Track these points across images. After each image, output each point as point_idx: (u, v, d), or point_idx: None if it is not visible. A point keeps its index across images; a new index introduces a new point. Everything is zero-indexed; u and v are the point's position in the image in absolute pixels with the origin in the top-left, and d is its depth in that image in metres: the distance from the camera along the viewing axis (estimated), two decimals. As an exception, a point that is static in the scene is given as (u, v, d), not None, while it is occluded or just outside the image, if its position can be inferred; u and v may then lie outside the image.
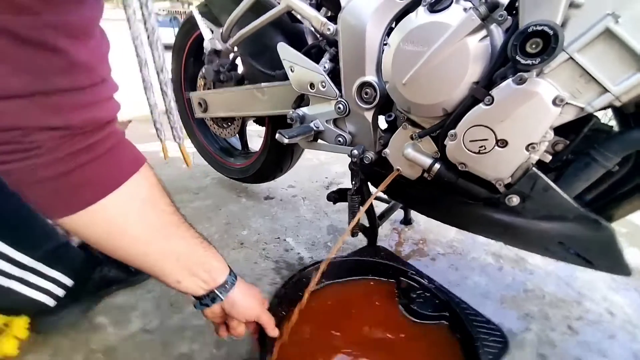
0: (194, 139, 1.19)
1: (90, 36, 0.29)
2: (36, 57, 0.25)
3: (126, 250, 0.36)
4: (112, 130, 0.34)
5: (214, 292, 0.42)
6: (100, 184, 0.32)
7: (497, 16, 0.38)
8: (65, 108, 0.28)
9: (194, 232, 0.41)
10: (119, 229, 0.34)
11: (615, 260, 0.44)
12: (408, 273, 0.56)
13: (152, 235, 0.36)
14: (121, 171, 0.34)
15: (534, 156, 0.41)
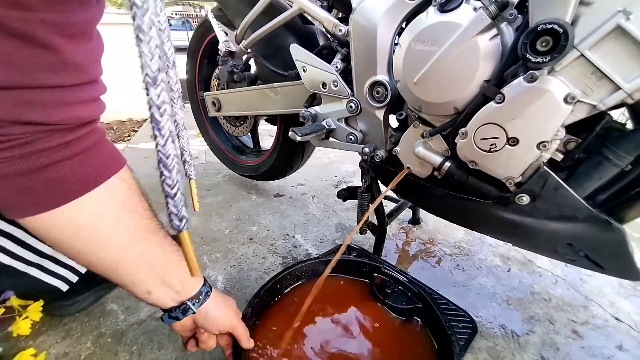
0: (206, 137, 1.22)
1: (89, 38, 0.29)
2: (22, 51, 0.24)
3: (94, 255, 0.34)
4: (93, 129, 0.32)
5: (185, 304, 0.39)
6: (75, 183, 0.30)
7: (507, 15, 0.38)
8: (48, 104, 0.27)
9: (170, 240, 0.39)
10: (89, 232, 0.32)
11: (625, 264, 0.43)
12: (381, 268, 0.57)
13: (126, 240, 0.34)
14: (98, 171, 0.32)
15: (545, 155, 0.41)
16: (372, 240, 0.72)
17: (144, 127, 2.08)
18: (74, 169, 0.30)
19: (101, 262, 0.34)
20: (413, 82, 0.47)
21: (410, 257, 0.82)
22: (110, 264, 0.35)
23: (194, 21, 8.16)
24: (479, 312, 0.66)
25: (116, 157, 0.36)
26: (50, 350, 0.56)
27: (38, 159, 0.28)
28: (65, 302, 0.61)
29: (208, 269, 0.77)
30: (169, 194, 0.29)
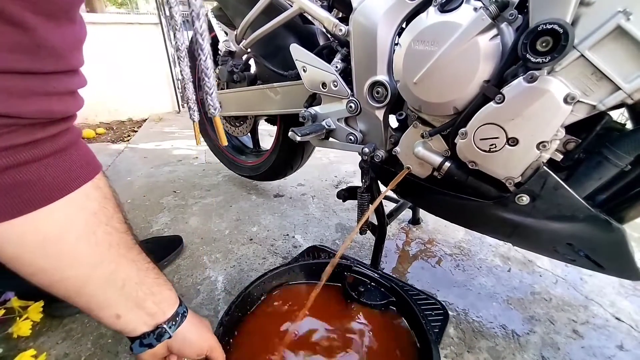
0: (206, 137, 1.22)
1: (70, 20, 0.25)
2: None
3: (58, 274, 0.29)
4: (67, 128, 0.28)
5: (161, 328, 0.35)
6: (42, 189, 0.26)
7: (508, 15, 0.38)
8: (16, 92, 0.23)
9: (145, 257, 0.35)
10: (55, 246, 0.28)
11: (625, 264, 0.43)
12: (352, 267, 0.57)
13: (97, 257, 0.30)
14: (70, 177, 0.28)
15: (544, 155, 0.41)
16: (372, 240, 0.72)
17: (144, 127, 2.09)
18: (41, 173, 0.26)
19: (65, 281, 0.29)
20: (413, 82, 0.47)
21: (410, 257, 0.82)
22: (74, 284, 0.30)
23: (193, 21, 8.12)
24: (480, 312, 0.66)
25: (91, 162, 0.31)
26: (51, 352, 0.56)
27: (0, 159, 0.23)
28: (66, 302, 0.61)
29: (208, 270, 0.77)
30: (208, 90, 0.39)
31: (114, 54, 2.08)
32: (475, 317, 0.65)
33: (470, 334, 0.61)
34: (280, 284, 0.57)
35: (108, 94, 2.14)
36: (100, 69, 2.02)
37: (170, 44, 2.21)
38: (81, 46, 0.28)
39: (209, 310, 0.65)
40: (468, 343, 0.59)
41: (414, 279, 0.75)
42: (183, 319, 0.37)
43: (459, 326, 0.63)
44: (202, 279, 0.73)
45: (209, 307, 0.66)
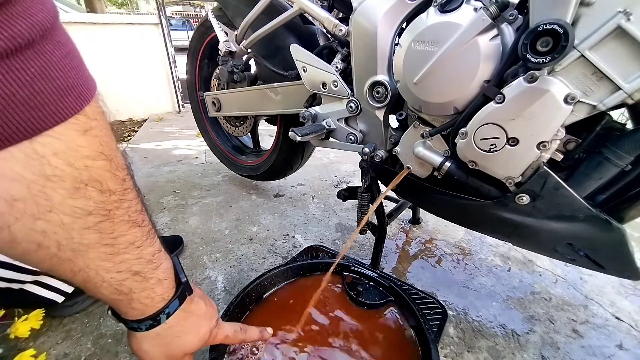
0: (206, 137, 1.22)
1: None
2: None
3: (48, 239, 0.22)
4: (46, 25, 0.19)
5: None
6: (19, 113, 0.18)
7: (508, 15, 0.38)
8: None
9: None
10: (41, 202, 0.20)
11: (625, 264, 0.43)
12: (351, 267, 0.58)
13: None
14: (60, 98, 0.20)
15: (545, 155, 0.41)
16: (372, 240, 0.72)
17: (144, 127, 2.08)
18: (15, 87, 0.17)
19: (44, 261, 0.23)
20: (413, 82, 0.47)
21: (410, 257, 0.82)
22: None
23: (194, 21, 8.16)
24: (479, 311, 0.66)
25: (80, 73, 0.22)
26: (51, 351, 0.56)
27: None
28: (66, 302, 0.61)
29: (208, 269, 0.77)
30: None
31: (114, 54, 2.08)
32: (475, 317, 0.65)
33: (470, 333, 0.61)
34: (280, 283, 0.57)
35: (108, 94, 2.14)
36: (101, 69, 2.02)
37: (170, 44, 2.21)
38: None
39: (209, 310, 0.65)
40: (468, 342, 0.60)
41: (414, 278, 0.75)
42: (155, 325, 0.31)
43: (459, 326, 0.63)
44: (202, 279, 0.73)
45: (209, 307, 0.66)
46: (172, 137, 1.85)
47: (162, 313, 0.31)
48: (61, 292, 0.57)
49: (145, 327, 0.31)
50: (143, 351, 0.32)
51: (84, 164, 0.22)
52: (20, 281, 0.48)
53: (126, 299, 0.28)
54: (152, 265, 0.29)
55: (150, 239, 0.29)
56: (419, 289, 0.64)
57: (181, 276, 0.34)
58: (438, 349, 0.44)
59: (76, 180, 0.21)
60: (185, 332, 0.34)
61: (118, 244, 0.26)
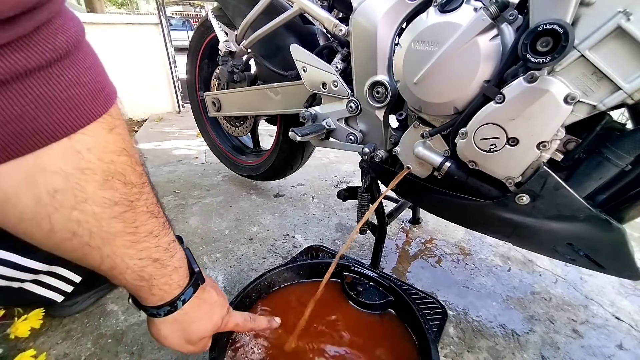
0: (206, 137, 1.22)
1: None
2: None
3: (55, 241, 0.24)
4: (54, 18, 0.20)
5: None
6: (26, 127, 0.20)
7: (508, 15, 0.38)
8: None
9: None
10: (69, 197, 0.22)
11: (625, 264, 0.43)
12: (351, 267, 0.58)
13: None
14: (91, 101, 0.22)
15: (545, 155, 0.41)
16: (372, 240, 0.72)
17: (144, 127, 2.08)
18: (56, 88, 0.20)
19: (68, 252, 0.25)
20: (413, 83, 0.47)
21: (410, 257, 0.82)
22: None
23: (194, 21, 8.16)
24: (479, 311, 0.66)
25: (103, 82, 0.24)
26: (51, 352, 0.56)
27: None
28: (66, 302, 0.61)
29: (208, 270, 0.77)
30: None
31: (114, 54, 2.08)
32: (475, 317, 0.65)
33: (470, 333, 0.61)
34: (279, 284, 0.57)
35: (108, 94, 2.13)
36: (100, 68, 2.02)
37: (170, 44, 2.21)
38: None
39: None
40: (468, 342, 0.60)
41: (414, 278, 0.75)
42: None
43: (459, 326, 0.63)
44: (202, 279, 0.73)
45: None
46: (172, 137, 1.85)
47: (179, 300, 0.34)
48: (61, 291, 0.57)
49: (163, 313, 0.33)
50: (162, 336, 0.35)
51: (110, 158, 0.24)
52: (20, 279, 0.48)
53: (147, 285, 0.31)
54: (168, 253, 0.32)
55: (166, 229, 0.32)
56: (419, 289, 0.64)
57: (194, 266, 0.36)
58: (438, 349, 0.44)
59: (105, 173, 0.24)
60: (200, 318, 0.36)
61: (139, 232, 0.28)
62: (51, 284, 0.55)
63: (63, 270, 0.56)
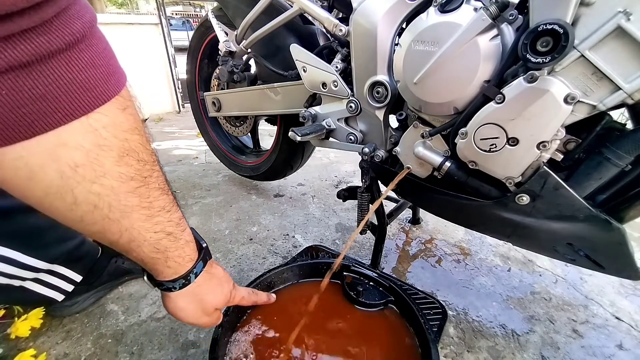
0: (206, 137, 1.22)
1: None
2: None
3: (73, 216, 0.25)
4: (71, 5, 0.22)
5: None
6: (45, 108, 0.21)
7: (508, 15, 0.38)
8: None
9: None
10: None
11: (625, 264, 0.43)
12: (351, 267, 0.58)
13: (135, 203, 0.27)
14: (105, 82, 0.24)
15: (545, 155, 0.41)
16: (372, 240, 0.72)
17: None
18: (40, 85, 0.20)
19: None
20: (413, 83, 0.47)
21: (410, 257, 0.82)
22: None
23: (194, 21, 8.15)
24: (479, 311, 0.66)
25: (113, 66, 0.25)
26: (51, 351, 0.56)
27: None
28: (66, 302, 0.61)
29: (208, 269, 0.77)
30: None
31: (114, 54, 2.08)
32: (475, 317, 0.65)
33: (470, 333, 0.61)
34: (279, 284, 0.57)
35: (108, 94, 2.13)
36: (100, 68, 2.01)
37: (170, 44, 2.21)
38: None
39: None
40: (468, 342, 0.60)
41: (414, 278, 0.75)
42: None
43: (459, 326, 0.63)
44: (202, 279, 0.73)
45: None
46: (172, 137, 1.85)
47: (191, 273, 0.36)
48: (61, 290, 0.57)
49: (178, 286, 0.35)
50: (179, 309, 0.37)
51: (124, 136, 0.26)
52: (21, 277, 0.49)
53: (163, 257, 0.33)
54: (180, 227, 0.34)
55: (175, 206, 0.33)
56: (419, 289, 0.64)
57: (202, 242, 0.39)
58: (438, 349, 0.44)
59: (120, 149, 0.26)
60: (212, 290, 0.39)
61: (153, 207, 0.30)
62: (52, 283, 0.55)
63: (64, 269, 0.56)
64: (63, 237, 0.55)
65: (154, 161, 0.30)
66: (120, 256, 0.69)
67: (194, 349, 0.57)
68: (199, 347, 0.57)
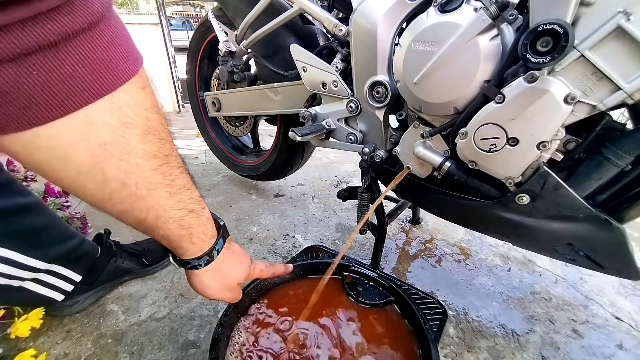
0: (206, 137, 1.22)
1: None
2: None
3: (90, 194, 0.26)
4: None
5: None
6: (62, 90, 0.21)
7: (508, 15, 0.38)
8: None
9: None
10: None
11: (625, 263, 0.43)
12: (351, 267, 0.58)
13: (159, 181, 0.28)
14: (125, 61, 0.24)
15: (545, 155, 0.41)
16: (372, 240, 0.72)
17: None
18: (56, 67, 0.20)
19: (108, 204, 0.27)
20: (413, 83, 0.47)
21: (410, 257, 0.82)
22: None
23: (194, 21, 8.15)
24: (479, 311, 0.66)
25: (130, 46, 0.26)
26: (51, 351, 0.56)
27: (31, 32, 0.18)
28: (66, 302, 0.61)
29: (208, 269, 0.76)
30: None
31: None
32: (475, 317, 0.65)
33: (470, 333, 0.61)
34: (279, 284, 0.57)
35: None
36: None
37: (170, 44, 2.21)
38: None
39: (209, 310, 0.65)
40: (468, 342, 0.60)
41: (414, 278, 0.75)
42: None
43: (459, 326, 0.63)
44: (202, 279, 0.73)
45: (209, 307, 0.66)
46: (172, 137, 1.85)
47: (214, 249, 0.37)
48: (61, 290, 0.57)
49: (204, 263, 0.37)
50: (206, 286, 0.38)
51: (146, 115, 0.26)
52: (20, 278, 0.49)
53: (187, 234, 0.34)
54: (200, 205, 0.35)
55: (194, 185, 0.34)
56: (419, 289, 0.63)
57: (219, 220, 0.40)
58: (438, 349, 0.44)
59: (143, 127, 0.26)
60: (234, 265, 0.41)
61: (175, 185, 0.30)
62: (51, 283, 0.55)
63: (63, 269, 0.56)
64: (62, 237, 0.55)
65: (172, 141, 0.30)
66: (119, 256, 0.69)
67: (194, 349, 0.57)
68: (199, 347, 0.57)
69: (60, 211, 0.83)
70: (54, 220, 0.53)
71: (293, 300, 0.54)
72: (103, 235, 0.69)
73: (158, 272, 0.74)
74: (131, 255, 0.71)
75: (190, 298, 0.68)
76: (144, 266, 0.72)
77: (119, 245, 0.72)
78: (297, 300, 0.54)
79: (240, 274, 0.42)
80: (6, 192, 0.46)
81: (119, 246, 0.71)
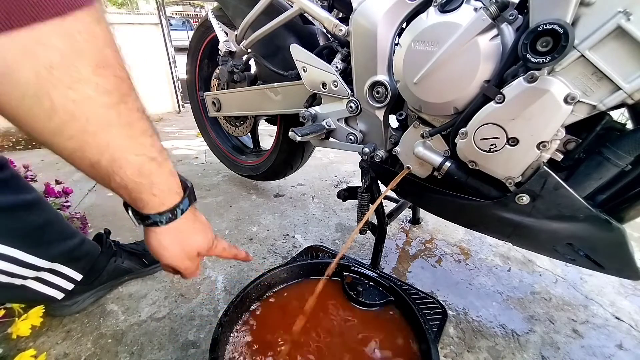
0: (206, 137, 1.22)
1: None
2: None
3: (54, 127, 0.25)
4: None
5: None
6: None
7: (508, 15, 0.38)
8: None
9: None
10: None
11: (625, 263, 0.43)
12: (351, 267, 0.58)
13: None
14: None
15: (545, 155, 0.41)
16: (372, 240, 0.72)
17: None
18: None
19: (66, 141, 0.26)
20: (413, 83, 0.47)
21: (410, 257, 0.82)
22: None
23: (194, 21, 8.16)
24: (479, 311, 0.66)
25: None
26: (51, 352, 0.56)
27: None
28: (66, 302, 0.61)
29: (208, 269, 0.77)
30: None
31: (114, 54, 2.09)
32: (475, 317, 0.65)
33: (470, 333, 0.61)
34: (279, 284, 0.57)
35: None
36: (100, 68, 2.02)
37: (170, 44, 2.21)
38: None
39: (209, 310, 0.65)
40: (468, 342, 0.60)
41: (414, 278, 0.75)
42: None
43: (459, 326, 0.63)
44: (202, 279, 0.73)
45: (209, 307, 0.66)
46: (172, 137, 1.85)
47: (178, 208, 0.35)
48: (62, 289, 0.57)
49: (165, 220, 0.34)
50: (163, 247, 0.36)
51: (99, 48, 0.26)
52: (22, 276, 0.49)
53: (147, 182, 0.32)
54: (163, 155, 0.33)
55: (157, 135, 0.32)
56: (419, 289, 0.63)
57: (187, 182, 0.38)
58: (438, 349, 0.44)
59: (97, 59, 0.25)
60: (198, 231, 0.39)
61: (134, 127, 0.29)
62: (52, 281, 0.55)
63: (64, 268, 0.57)
64: (64, 234, 0.55)
65: (132, 83, 0.29)
66: (119, 256, 0.69)
67: (194, 349, 0.57)
68: (199, 347, 0.57)
69: (60, 211, 0.83)
70: (56, 217, 0.53)
71: (293, 301, 0.54)
72: (103, 235, 0.69)
73: (158, 272, 0.74)
74: (131, 255, 0.71)
75: (190, 298, 0.68)
76: (144, 266, 0.72)
77: (119, 245, 0.72)
78: (297, 300, 0.54)
79: (203, 242, 0.40)
80: (11, 188, 0.45)
81: (119, 246, 0.71)
